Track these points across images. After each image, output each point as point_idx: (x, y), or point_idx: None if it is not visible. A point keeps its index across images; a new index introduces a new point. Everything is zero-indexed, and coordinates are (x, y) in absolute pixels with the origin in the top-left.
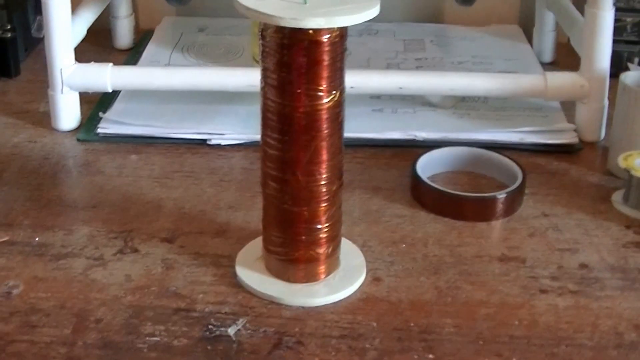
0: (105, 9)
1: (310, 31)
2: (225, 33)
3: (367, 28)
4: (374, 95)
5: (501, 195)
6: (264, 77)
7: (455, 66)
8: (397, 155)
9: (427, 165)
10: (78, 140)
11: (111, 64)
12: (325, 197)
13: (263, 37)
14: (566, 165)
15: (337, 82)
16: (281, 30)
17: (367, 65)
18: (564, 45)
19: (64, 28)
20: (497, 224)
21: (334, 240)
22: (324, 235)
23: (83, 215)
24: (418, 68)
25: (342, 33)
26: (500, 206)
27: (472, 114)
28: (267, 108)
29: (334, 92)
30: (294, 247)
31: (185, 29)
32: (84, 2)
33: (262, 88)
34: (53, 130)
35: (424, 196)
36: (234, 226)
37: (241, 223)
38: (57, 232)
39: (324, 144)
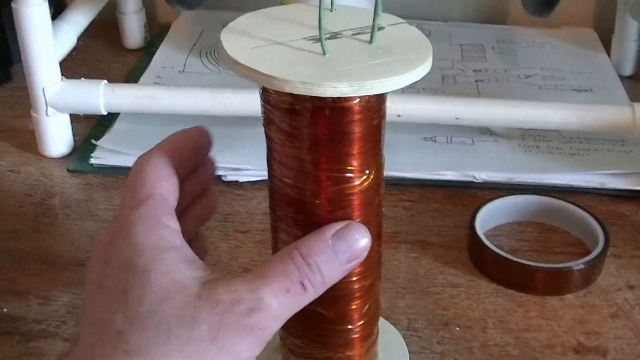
0: (111, 4)
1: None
2: None
3: (419, 28)
4: None
5: (578, 267)
6: (270, 150)
7: (522, 81)
8: (451, 197)
9: (489, 217)
10: (69, 170)
11: (105, 81)
12: (357, 295)
13: (265, 98)
14: None
15: (372, 159)
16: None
17: None
18: None
19: (44, 38)
20: (571, 299)
21: (369, 339)
22: (357, 336)
23: (65, 276)
24: (477, 82)
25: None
26: (576, 276)
27: (542, 146)
28: (276, 189)
29: (368, 170)
30: (318, 350)
31: (206, 26)
32: (74, 3)
33: (268, 163)
34: (41, 156)
35: (484, 261)
36: None
37: None
38: (31, 300)
39: None
